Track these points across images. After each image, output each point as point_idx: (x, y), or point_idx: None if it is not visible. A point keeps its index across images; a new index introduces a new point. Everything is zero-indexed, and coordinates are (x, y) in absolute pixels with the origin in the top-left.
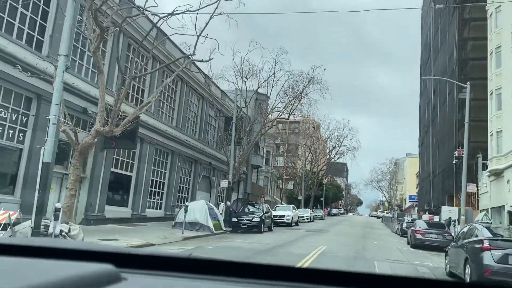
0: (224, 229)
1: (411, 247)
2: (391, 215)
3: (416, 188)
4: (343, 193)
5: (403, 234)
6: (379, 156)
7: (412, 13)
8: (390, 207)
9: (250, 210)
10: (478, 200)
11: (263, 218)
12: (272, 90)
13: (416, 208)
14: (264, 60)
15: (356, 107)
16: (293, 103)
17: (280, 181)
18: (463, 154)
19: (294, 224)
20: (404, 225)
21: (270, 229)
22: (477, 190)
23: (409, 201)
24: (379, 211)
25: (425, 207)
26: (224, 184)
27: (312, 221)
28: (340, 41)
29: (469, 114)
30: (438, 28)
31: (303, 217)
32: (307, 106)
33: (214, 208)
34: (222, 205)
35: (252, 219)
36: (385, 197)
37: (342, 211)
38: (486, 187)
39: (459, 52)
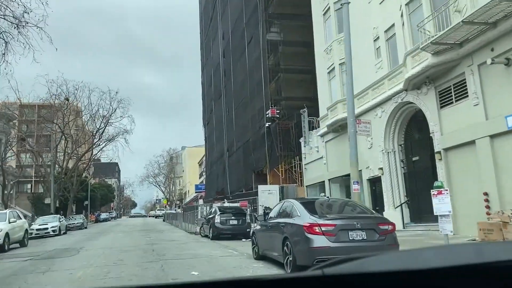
0: None
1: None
2: (173, 211)
3: (200, 177)
4: (115, 194)
5: (218, 235)
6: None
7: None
8: (169, 203)
9: None
10: (301, 173)
11: None
12: None
13: (202, 200)
14: None
15: (130, 108)
16: None
17: (30, 184)
18: (278, 113)
19: (8, 245)
20: (218, 219)
21: None
22: (299, 161)
23: (195, 192)
24: (157, 210)
25: (216, 195)
26: None
27: (64, 233)
28: (106, 39)
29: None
30: None
31: (46, 229)
32: None
33: None
34: None
35: None
36: (163, 193)
37: (114, 214)
38: (317, 152)
39: None
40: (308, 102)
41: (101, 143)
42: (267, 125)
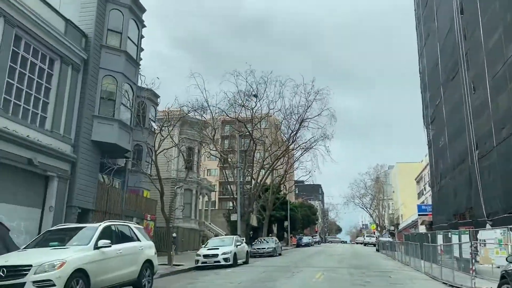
0: None
1: None
2: (388, 238)
3: (419, 198)
4: (318, 215)
5: None
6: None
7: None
8: (379, 229)
9: None
10: None
11: None
12: None
13: (424, 226)
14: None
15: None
16: None
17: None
18: None
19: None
20: None
21: None
22: None
23: (418, 214)
24: (366, 236)
25: (456, 219)
26: None
27: (246, 262)
28: (304, 67)
29: None
30: None
31: (215, 255)
32: None
33: None
34: None
35: None
36: (372, 217)
37: (318, 239)
38: None
39: None
40: None
41: (295, 151)
42: None
